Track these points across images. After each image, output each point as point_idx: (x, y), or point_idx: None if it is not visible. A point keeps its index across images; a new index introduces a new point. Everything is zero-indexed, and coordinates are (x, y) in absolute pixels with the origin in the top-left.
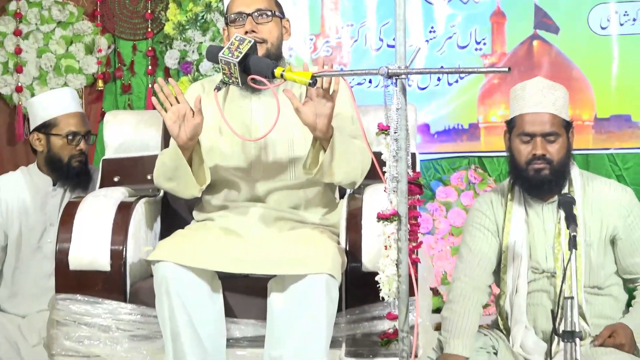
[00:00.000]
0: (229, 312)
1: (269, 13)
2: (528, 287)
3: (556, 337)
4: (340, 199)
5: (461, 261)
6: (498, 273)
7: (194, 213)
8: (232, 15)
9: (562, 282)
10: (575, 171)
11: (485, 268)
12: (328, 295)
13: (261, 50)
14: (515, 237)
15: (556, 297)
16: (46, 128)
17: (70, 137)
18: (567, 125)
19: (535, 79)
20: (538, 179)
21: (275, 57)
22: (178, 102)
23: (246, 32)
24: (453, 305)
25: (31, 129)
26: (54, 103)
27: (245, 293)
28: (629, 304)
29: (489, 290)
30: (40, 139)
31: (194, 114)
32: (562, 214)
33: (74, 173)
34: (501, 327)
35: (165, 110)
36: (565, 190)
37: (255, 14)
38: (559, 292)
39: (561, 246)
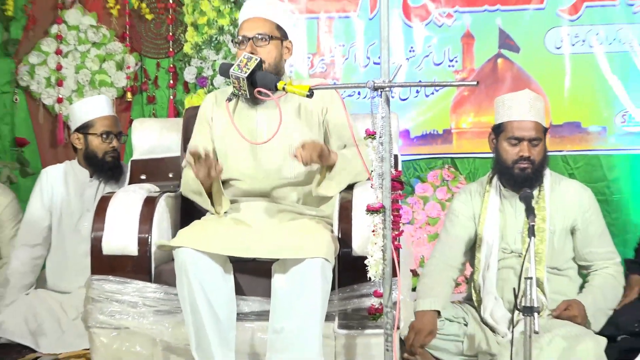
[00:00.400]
0: (239, 291)
1: (267, 37)
2: (498, 264)
3: (517, 311)
4: None
5: (439, 242)
6: (474, 252)
7: None
8: (239, 38)
9: (523, 264)
10: (547, 171)
11: (458, 249)
12: (323, 276)
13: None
14: (490, 222)
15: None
16: (84, 129)
17: (104, 136)
18: (545, 131)
19: (524, 91)
20: (522, 177)
21: (274, 73)
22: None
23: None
24: (424, 278)
25: (72, 131)
26: (91, 108)
27: (252, 274)
28: (581, 286)
29: (460, 268)
30: (79, 138)
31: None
32: (523, 206)
33: (107, 167)
34: (474, 299)
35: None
36: (536, 185)
37: (256, 37)
38: (520, 273)
39: (527, 231)
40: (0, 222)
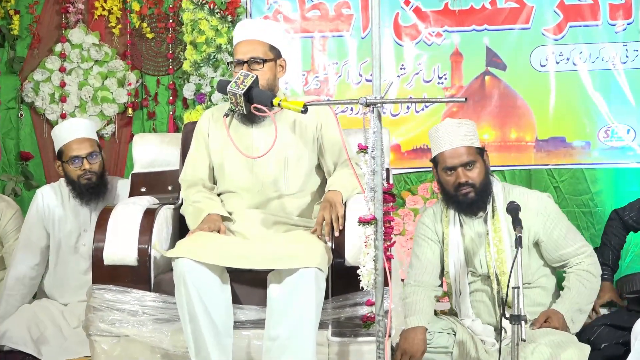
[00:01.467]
0: (236, 300)
1: (260, 60)
2: (470, 287)
3: (505, 320)
4: None
5: (411, 268)
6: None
7: None
8: (235, 60)
9: (510, 274)
10: (497, 187)
11: (431, 273)
12: (317, 285)
13: None
14: (453, 249)
15: (493, 294)
16: (60, 156)
17: (73, 161)
18: (481, 151)
19: (445, 120)
20: (466, 202)
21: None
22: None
23: None
24: (406, 299)
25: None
26: (59, 135)
27: (249, 284)
28: (560, 287)
29: (438, 289)
30: (59, 165)
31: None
32: (510, 218)
33: (84, 189)
34: (457, 315)
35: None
36: (489, 205)
37: (250, 60)
38: (507, 283)
39: (491, 253)
40: (5, 233)
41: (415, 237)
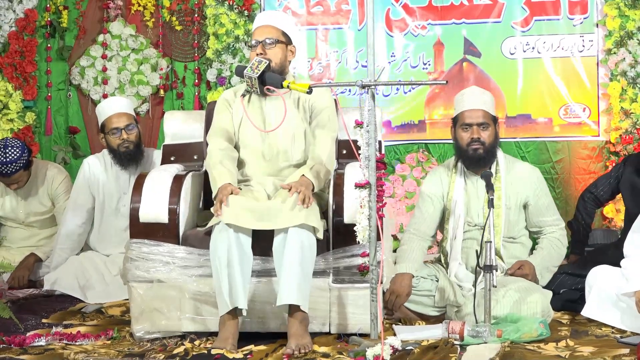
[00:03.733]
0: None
1: (274, 41)
2: (463, 235)
3: (479, 269)
4: None
5: (413, 217)
6: (443, 224)
7: None
8: (252, 41)
9: (484, 230)
10: (500, 154)
11: (429, 224)
12: (307, 239)
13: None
14: (456, 200)
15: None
16: (102, 129)
17: (114, 132)
18: (495, 120)
19: (471, 87)
20: (475, 156)
21: (279, 72)
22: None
23: (259, 54)
24: (402, 247)
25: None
26: (101, 111)
27: (259, 238)
28: (532, 248)
29: (431, 239)
30: (102, 137)
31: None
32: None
33: (124, 156)
34: (442, 262)
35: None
36: (493, 166)
37: (265, 41)
38: (481, 237)
39: (488, 208)
40: (57, 195)
41: (421, 193)
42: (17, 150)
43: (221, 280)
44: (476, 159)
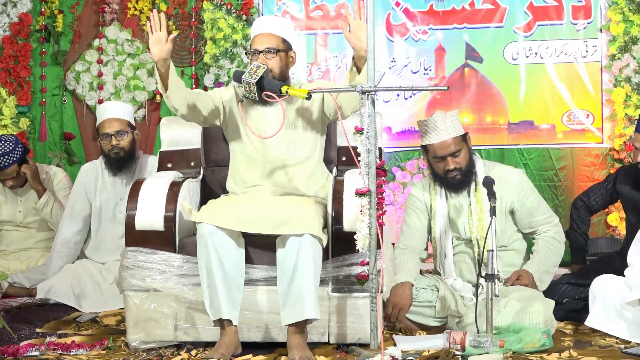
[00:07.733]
0: (249, 260)
1: (274, 50)
2: (453, 250)
3: (481, 279)
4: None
5: (402, 234)
6: (432, 236)
7: (227, 186)
8: (252, 50)
9: (485, 239)
10: (479, 164)
11: (418, 239)
12: (312, 248)
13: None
14: (440, 216)
15: (475, 256)
16: (97, 133)
17: (104, 137)
18: (464, 137)
19: (433, 115)
20: (454, 183)
21: (280, 79)
22: (160, 30)
23: None
24: (395, 261)
25: None
26: (97, 115)
27: (260, 247)
28: (530, 252)
29: (424, 252)
30: (98, 142)
31: (166, 41)
32: (485, 190)
33: (113, 162)
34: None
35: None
36: (473, 182)
37: (265, 50)
38: (483, 246)
39: (473, 221)
40: (57, 190)
41: (406, 208)
42: (10, 143)
43: (202, 291)
44: (455, 185)
